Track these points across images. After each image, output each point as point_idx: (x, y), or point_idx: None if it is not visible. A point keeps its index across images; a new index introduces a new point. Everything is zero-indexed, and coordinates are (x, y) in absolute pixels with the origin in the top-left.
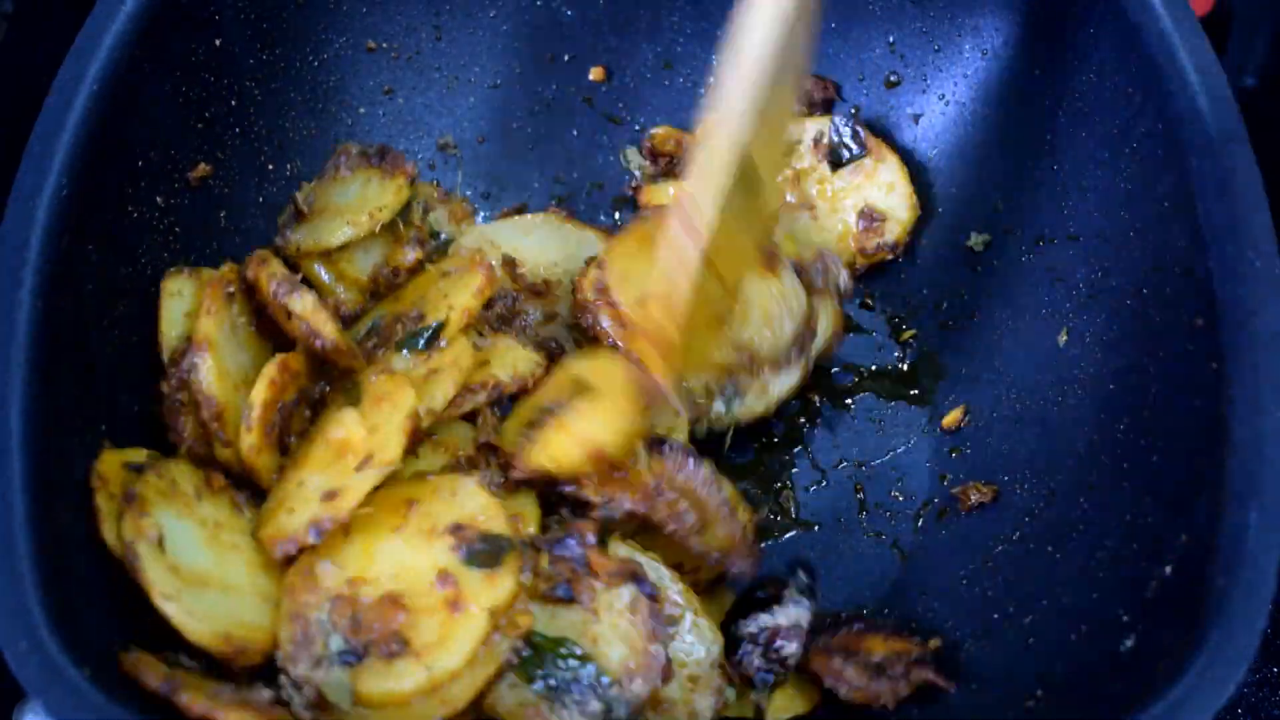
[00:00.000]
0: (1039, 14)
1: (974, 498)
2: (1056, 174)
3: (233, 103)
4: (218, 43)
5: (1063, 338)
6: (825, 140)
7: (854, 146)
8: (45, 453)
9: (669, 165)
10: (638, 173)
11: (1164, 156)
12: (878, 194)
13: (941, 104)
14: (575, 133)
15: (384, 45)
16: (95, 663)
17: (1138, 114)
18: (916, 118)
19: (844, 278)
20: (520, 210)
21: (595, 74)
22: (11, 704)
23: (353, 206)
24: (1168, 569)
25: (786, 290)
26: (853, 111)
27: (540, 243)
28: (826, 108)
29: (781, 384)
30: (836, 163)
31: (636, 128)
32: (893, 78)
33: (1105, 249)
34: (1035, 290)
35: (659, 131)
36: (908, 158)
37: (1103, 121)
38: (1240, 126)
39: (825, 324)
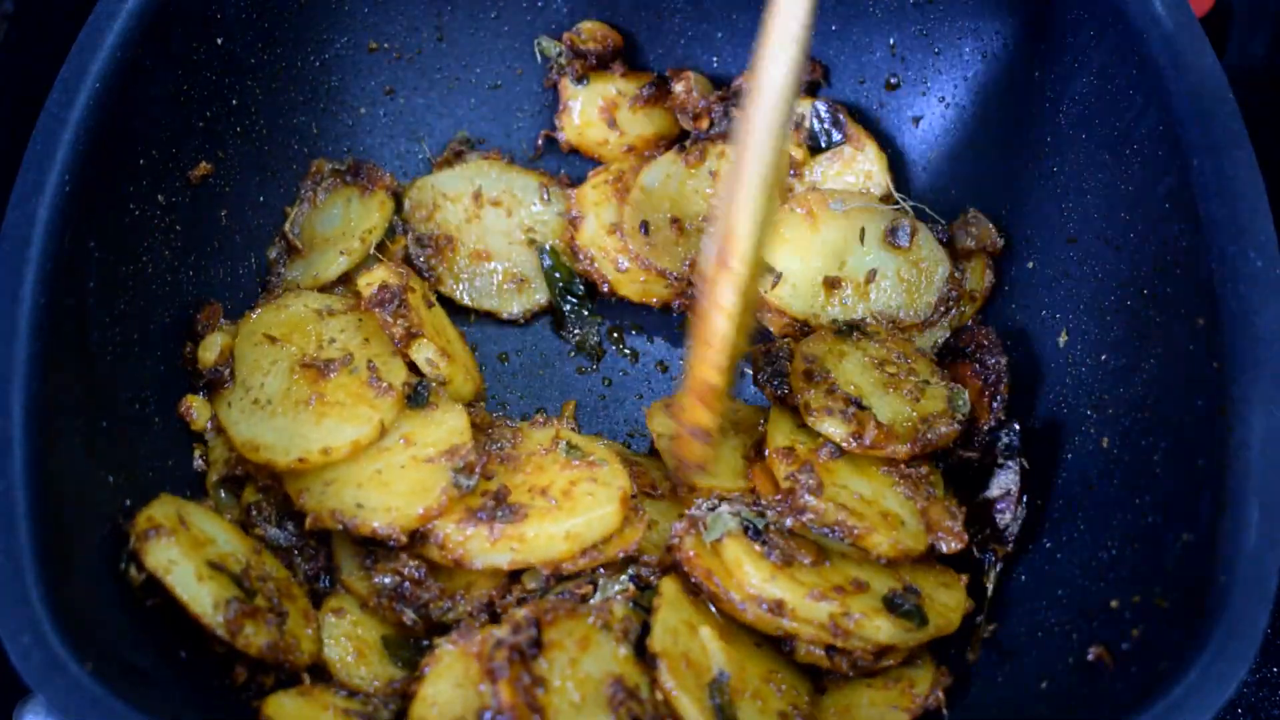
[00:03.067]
0: (1039, 16)
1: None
2: (1057, 175)
3: (234, 102)
4: (219, 42)
5: (1063, 338)
6: (806, 124)
7: (834, 133)
8: (47, 448)
9: (590, 64)
10: (562, 62)
11: (1164, 157)
12: (854, 182)
13: (942, 106)
14: None
15: (385, 45)
16: (97, 658)
17: (1138, 115)
18: (916, 120)
19: (992, 232)
20: (459, 155)
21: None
22: (13, 701)
23: (341, 233)
24: (1169, 568)
25: (924, 258)
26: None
27: (488, 188)
28: (811, 90)
29: (927, 340)
30: (816, 148)
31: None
32: (893, 80)
33: (1106, 250)
34: (1036, 290)
35: (588, 25)
36: (907, 160)
37: (1103, 123)
38: (1240, 126)
39: (976, 279)
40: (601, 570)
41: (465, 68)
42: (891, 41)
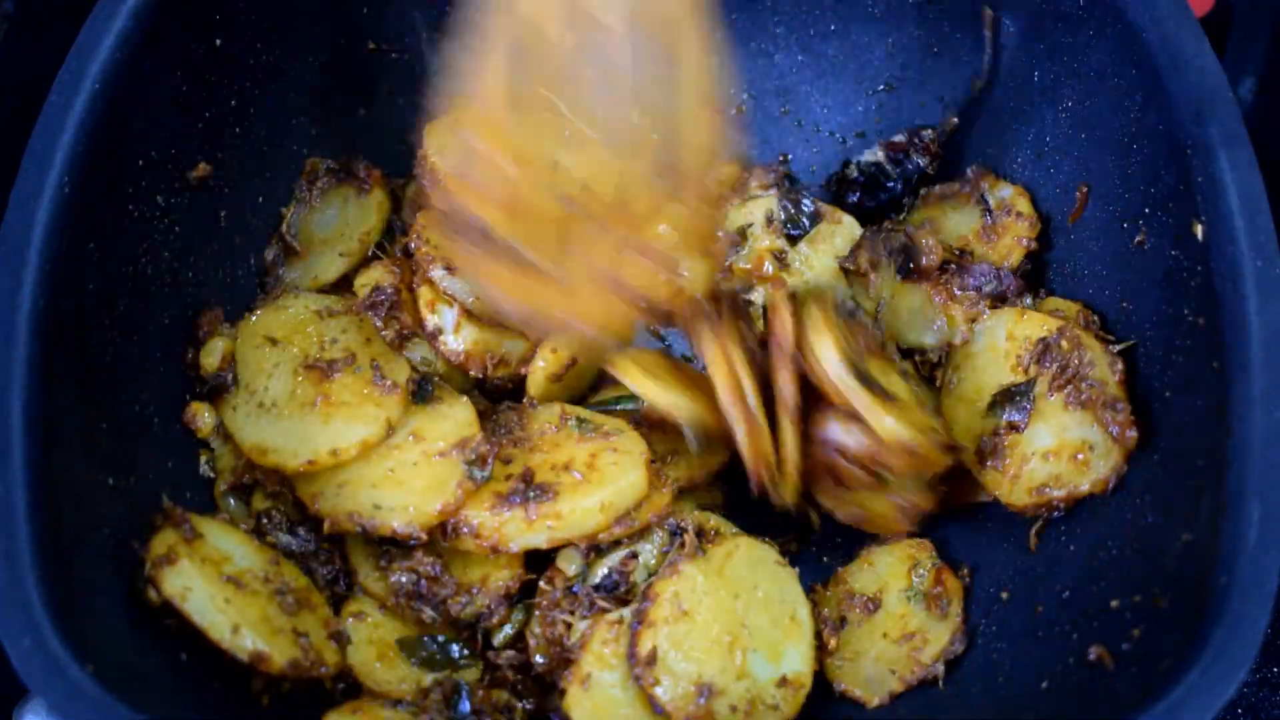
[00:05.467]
0: (1039, 16)
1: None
2: (1056, 176)
3: (233, 103)
4: (218, 43)
5: None
6: (776, 219)
7: (804, 220)
8: (47, 451)
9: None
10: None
11: (1164, 157)
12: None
13: (940, 106)
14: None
15: (384, 46)
16: (98, 660)
17: (1138, 115)
18: (915, 119)
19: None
20: None
21: None
22: (13, 702)
23: (339, 234)
24: (1169, 568)
25: None
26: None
27: None
28: (782, 183)
29: None
30: (795, 237)
31: None
32: (892, 80)
33: (1104, 250)
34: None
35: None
36: None
37: (1103, 123)
38: (1240, 126)
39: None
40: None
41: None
42: (890, 41)
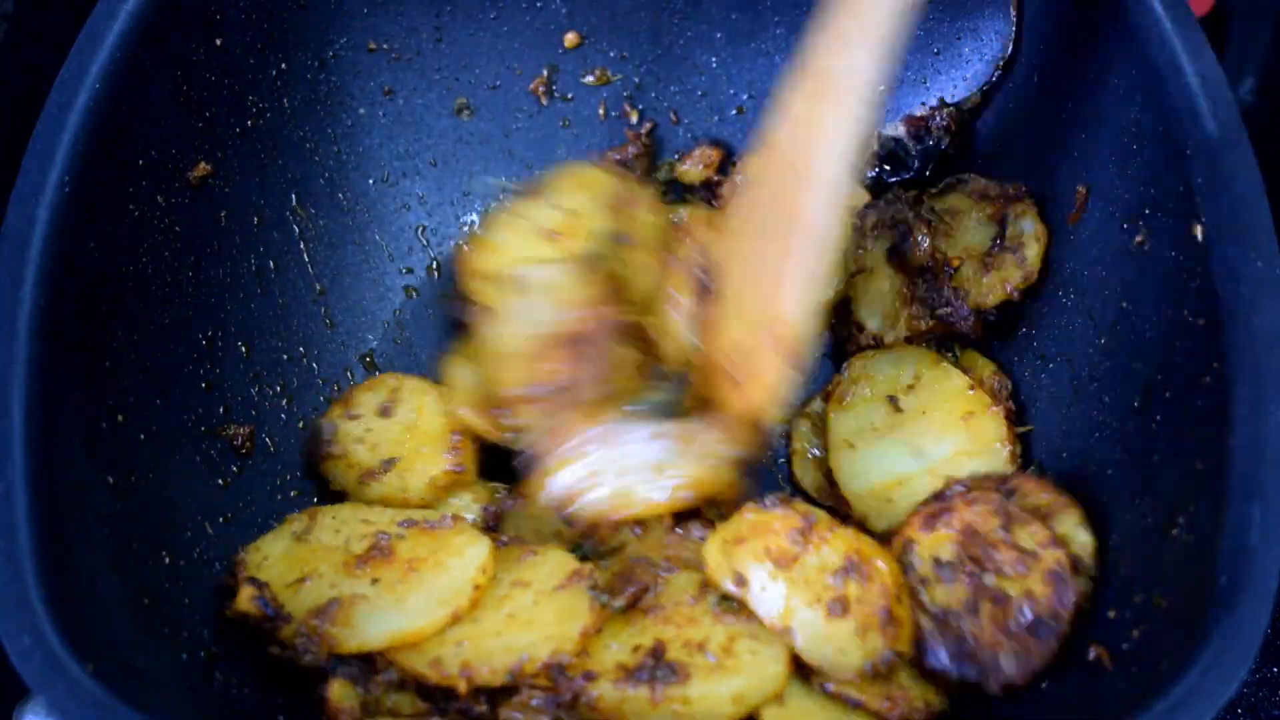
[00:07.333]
0: (1038, 16)
1: None
2: (1056, 176)
3: (233, 102)
4: (218, 42)
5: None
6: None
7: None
8: (47, 451)
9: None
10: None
11: (1164, 157)
12: None
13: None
14: (574, 134)
15: (384, 46)
16: (98, 659)
17: (1138, 115)
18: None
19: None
20: None
21: (595, 76)
22: (13, 701)
23: None
24: (1169, 568)
25: None
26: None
27: None
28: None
29: None
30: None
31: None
32: (892, 80)
33: (1104, 250)
34: (1034, 290)
35: (685, 168)
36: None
37: (1103, 123)
38: (1240, 127)
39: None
40: None
41: (464, 68)
42: None
